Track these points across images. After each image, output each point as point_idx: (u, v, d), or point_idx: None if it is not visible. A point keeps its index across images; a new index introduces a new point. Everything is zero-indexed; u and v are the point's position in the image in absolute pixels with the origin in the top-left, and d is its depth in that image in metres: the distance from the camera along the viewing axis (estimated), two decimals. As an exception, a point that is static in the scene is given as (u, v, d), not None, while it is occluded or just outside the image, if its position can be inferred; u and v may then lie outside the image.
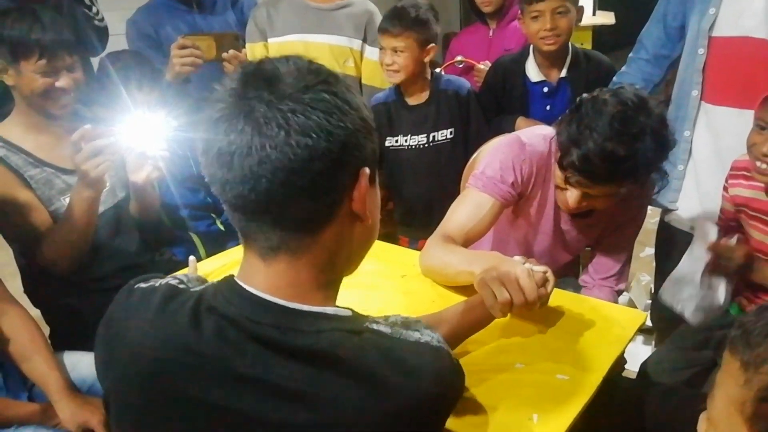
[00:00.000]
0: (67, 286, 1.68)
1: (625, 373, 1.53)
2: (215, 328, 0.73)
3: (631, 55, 1.95)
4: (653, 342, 2.31)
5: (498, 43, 2.52)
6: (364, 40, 2.28)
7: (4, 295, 1.49)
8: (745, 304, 1.59)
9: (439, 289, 1.42)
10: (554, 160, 1.48)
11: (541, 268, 1.14)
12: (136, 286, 0.84)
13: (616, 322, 1.28)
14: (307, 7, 2.24)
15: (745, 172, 1.53)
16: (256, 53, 2.24)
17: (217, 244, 1.95)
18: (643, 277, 2.80)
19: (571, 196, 1.41)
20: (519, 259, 1.18)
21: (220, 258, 1.65)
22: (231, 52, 1.99)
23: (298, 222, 0.73)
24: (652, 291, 2.43)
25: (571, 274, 1.84)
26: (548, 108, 2.14)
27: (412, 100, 2.15)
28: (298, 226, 0.73)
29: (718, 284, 1.49)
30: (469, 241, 1.47)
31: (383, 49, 2.05)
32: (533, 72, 2.13)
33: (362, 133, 0.74)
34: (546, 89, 2.13)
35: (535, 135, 1.54)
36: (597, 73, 2.10)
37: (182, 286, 0.82)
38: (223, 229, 2.14)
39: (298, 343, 0.71)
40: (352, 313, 0.78)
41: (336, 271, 0.80)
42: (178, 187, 2.00)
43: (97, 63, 2.13)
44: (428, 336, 0.79)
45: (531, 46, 2.13)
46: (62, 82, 1.57)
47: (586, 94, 1.38)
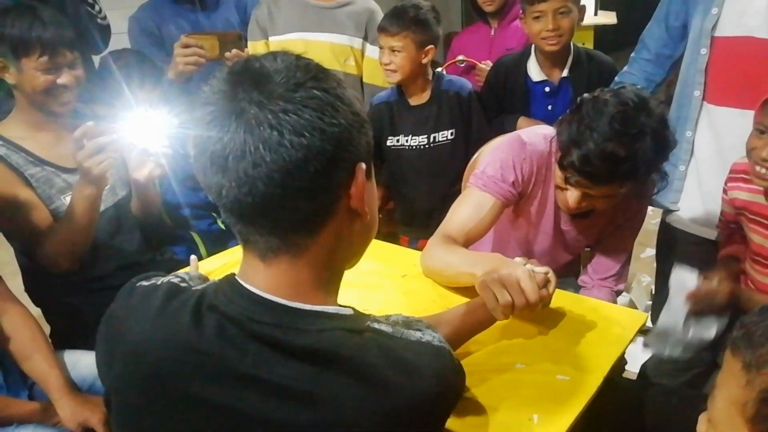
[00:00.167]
0: (68, 285, 1.68)
1: (625, 374, 1.53)
2: (216, 327, 0.73)
3: (633, 54, 1.94)
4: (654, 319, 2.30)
5: (499, 43, 2.51)
6: (365, 39, 2.28)
7: (4, 294, 1.49)
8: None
9: (440, 289, 1.42)
10: (554, 160, 1.48)
11: (542, 269, 1.14)
12: (138, 285, 0.84)
13: (616, 323, 1.28)
14: (308, 6, 2.24)
15: (744, 175, 1.52)
16: (258, 52, 2.23)
17: (218, 243, 1.95)
18: (644, 278, 2.80)
19: (571, 196, 1.40)
20: (520, 261, 1.18)
21: (221, 257, 1.65)
22: (234, 51, 1.99)
23: (297, 222, 0.72)
24: (653, 292, 2.43)
25: (571, 275, 1.83)
26: (550, 108, 2.14)
27: (414, 100, 2.15)
28: (296, 226, 0.73)
29: (707, 320, 1.46)
30: (470, 241, 1.46)
31: (382, 48, 2.05)
32: (535, 71, 2.12)
33: (355, 127, 0.73)
34: (547, 89, 2.13)
35: (536, 134, 1.54)
36: (599, 72, 2.10)
37: (184, 284, 0.82)
38: (224, 228, 2.14)
39: (299, 343, 0.71)
40: (354, 311, 0.77)
41: (336, 269, 0.80)
42: (178, 185, 2.00)
43: (98, 61, 2.14)
44: (430, 335, 0.79)
45: (532, 45, 2.13)
46: (64, 78, 1.57)
47: (586, 94, 1.37)
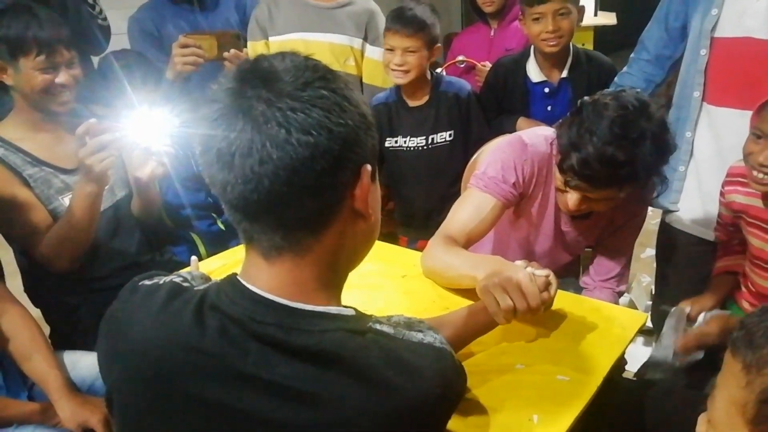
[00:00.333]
0: (67, 286, 1.68)
1: (625, 375, 1.53)
2: (218, 327, 0.73)
3: (633, 55, 1.94)
4: (653, 343, 2.30)
5: (499, 43, 2.52)
6: (365, 39, 2.28)
7: (4, 295, 1.49)
8: (747, 309, 1.59)
9: (440, 289, 1.41)
10: (554, 162, 1.48)
11: (543, 272, 1.14)
12: (140, 284, 0.84)
13: (616, 323, 1.28)
14: (308, 6, 2.24)
15: (741, 179, 1.52)
16: (258, 51, 2.23)
17: (217, 243, 1.95)
18: (644, 278, 2.80)
19: (571, 198, 1.40)
20: (521, 264, 1.18)
21: (222, 258, 1.65)
22: (232, 51, 1.99)
23: (301, 221, 0.72)
24: (653, 292, 2.43)
25: (571, 275, 1.83)
26: (549, 108, 2.14)
27: (412, 102, 2.15)
28: (300, 225, 0.73)
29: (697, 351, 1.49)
30: (471, 242, 1.46)
31: (392, 50, 2.01)
32: (534, 72, 2.13)
33: (362, 129, 0.73)
34: (547, 90, 2.13)
35: (537, 135, 1.54)
36: (598, 73, 2.10)
37: (186, 284, 0.82)
38: (224, 228, 2.13)
39: (301, 343, 0.71)
40: (355, 312, 0.77)
41: (339, 269, 0.79)
42: (179, 186, 2.00)
43: (96, 62, 2.14)
44: (431, 337, 0.79)
45: (532, 46, 2.13)
46: (62, 78, 1.57)
47: (587, 97, 1.37)
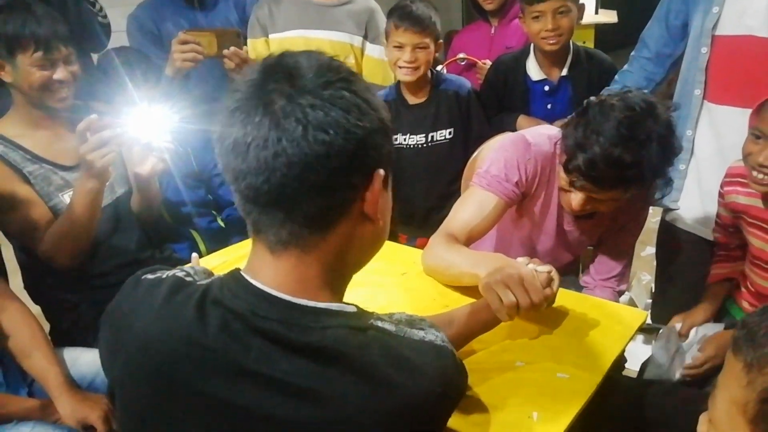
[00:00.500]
0: (67, 283, 1.68)
1: (625, 372, 1.53)
2: (220, 322, 0.73)
3: (633, 53, 1.94)
4: (653, 341, 2.30)
5: (500, 41, 2.51)
6: (365, 37, 2.28)
7: (4, 291, 1.49)
8: (747, 309, 1.59)
9: (440, 287, 1.42)
10: (558, 162, 1.47)
11: (545, 268, 1.14)
12: (143, 278, 0.84)
13: (616, 321, 1.28)
14: (309, 4, 2.23)
15: (740, 179, 1.51)
16: (258, 49, 2.24)
17: (217, 240, 1.95)
18: (644, 277, 2.80)
19: (575, 198, 1.40)
20: (523, 261, 1.18)
21: (222, 255, 1.65)
22: (232, 48, 1.99)
23: (309, 218, 0.73)
24: (653, 290, 2.43)
25: (571, 273, 1.83)
26: (549, 106, 2.14)
27: (412, 99, 2.14)
28: (308, 221, 0.73)
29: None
30: (472, 240, 1.46)
31: (400, 47, 1.99)
32: (534, 70, 2.12)
33: (380, 133, 0.74)
34: (547, 88, 2.12)
35: (540, 135, 1.54)
36: (598, 71, 2.10)
37: (189, 278, 0.82)
38: (224, 225, 2.13)
39: (303, 339, 0.71)
40: (357, 309, 0.77)
41: (344, 270, 0.80)
42: (179, 183, 2.00)
43: (96, 59, 2.14)
44: (432, 335, 0.79)
45: (532, 44, 2.12)
46: (60, 74, 1.57)
47: (593, 98, 1.36)
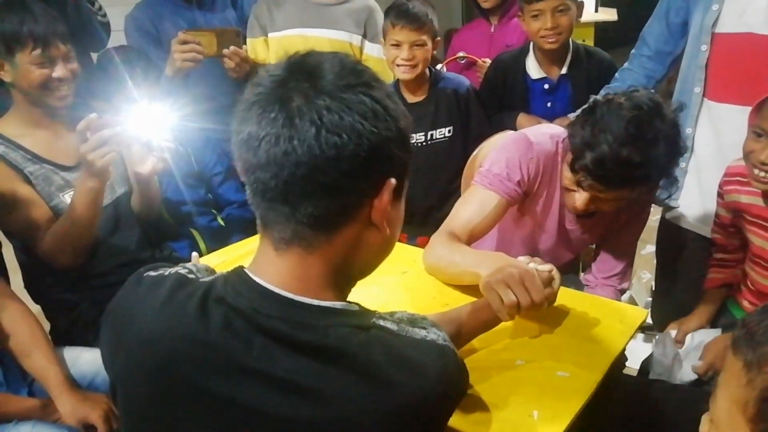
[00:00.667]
0: (67, 282, 1.68)
1: (625, 371, 1.53)
2: (223, 319, 0.73)
3: (633, 51, 1.94)
4: (654, 340, 2.30)
5: (499, 39, 2.51)
6: (364, 36, 2.27)
7: (4, 291, 1.50)
8: (747, 307, 1.59)
9: (440, 285, 1.41)
10: (561, 161, 1.47)
11: (546, 267, 1.14)
12: (145, 275, 0.84)
13: (617, 320, 1.27)
14: (308, 2, 2.23)
15: (740, 178, 1.51)
16: (257, 48, 2.23)
17: (217, 239, 1.95)
18: (644, 275, 2.80)
19: (580, 198, 1.40)
20: (524, 260, 1.17)
21: (222, 254, 1.64)
22: (232, 48, 1.99)
23: (313, 218, 0.72)
24: (653, 288, 2.43)
25: (571, 271, 1.83)
26: (549, 105, 2.14)
27: (411, 98, 2.13)
28: (312, 222, 0.72)
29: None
30: (474, 238, 1.46)
31: (398, 45, 1.99)
32: (533, 69, 2.12)
33: (395, 143, 0.73)
34: (547, 86, 2.12)
35: (542, 134, 1.53)
36: (598, 69, 2.10)
37: (191, 275, 0.82)
38: (223, 224, 2.13)
39: (305, 338, 0.71)
40: (359, 308, 0.77)
41: (349, 274, 0.79)
42: (179, 182, 2.00)
43: (96, 58, 2.13)
44: (434, 334, 0.79)
45: (531, 42, 2.12)
46: (59, 72, 1.57)
47: (599, 96, 1.36)
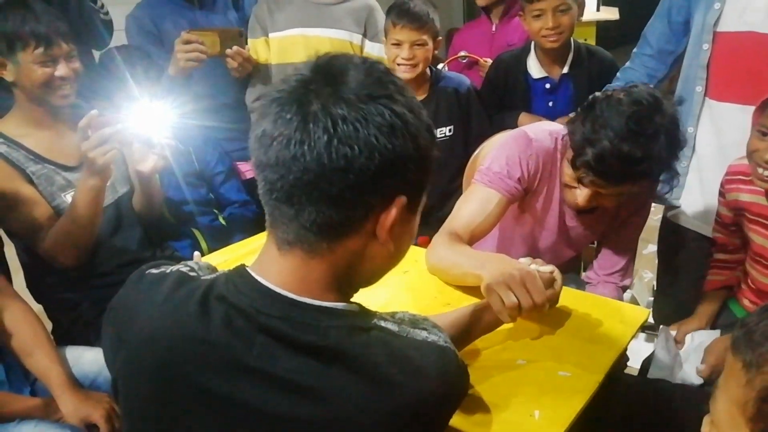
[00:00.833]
0: (69, 282, 1.68)
1: (627, 370, 1.53)
2: (224, 318, 0.73)
3: (635, 50, 1.94)
4: (655, 339, 2.30)
5: (501, 38, 2.51)
6: (364, 35, 2.27)
7: (6, 290, 1.50)
8: (748, 306, 1.59)
9: (441, 285, 1.41)
10: (560, 157, 1.47)
11: (547, 268, 1.14)
12: (147, 272, 0.84)
13: (618, 319, 1.27)
14: (308, 2, 2.22)
15: (742, 177, 1.51)
16: (258, 48, 2.23)
17: (219, 239, 1.95)
18: (646, 274, 2.80)
19: (581, 194, 1.40)
20: (525, 261, 1.17)
21: (224, 253, 1.65)
22: (234, 48, 1.99)
23: (316, 224, 0.71)
24: (655, 288, 2.43)
25: (572, 270, 1.83)
26: (550, 104, 2.14)
27: (412, 97, 2.14)
28: (315, 228, 0.72)
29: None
30: (476, 238, 1.46)
31: (398, 44, 1.98)
32: (535, 68, 2.12)
33: (411, 160, 0.71)
34: (548, 85, 2.12)
35: (542, 131, 1.53)
36: (599, 68, 2.10)
37: (193, 273, 0.82)
38: (225, 224, 2.14)
39: (306, 338, 0.71)
40: (360, 308, 0.77)
41: (351, 283, 0.78)
42: (181, 181, 2.00)
43: (98, 57, 2.14)
44: (435, 335, 0.79)
45: (532, 42, 2.12)
46: (61, 70, 1.57)
47: (599, 93, 1.36)
